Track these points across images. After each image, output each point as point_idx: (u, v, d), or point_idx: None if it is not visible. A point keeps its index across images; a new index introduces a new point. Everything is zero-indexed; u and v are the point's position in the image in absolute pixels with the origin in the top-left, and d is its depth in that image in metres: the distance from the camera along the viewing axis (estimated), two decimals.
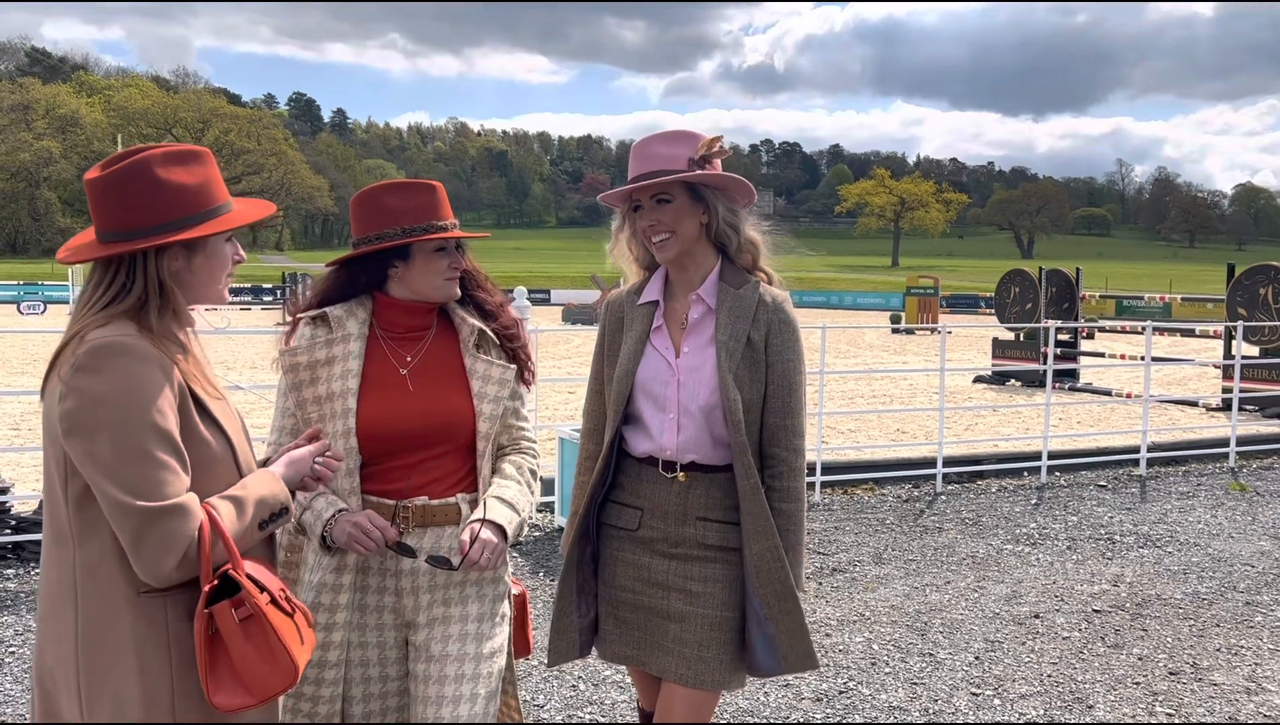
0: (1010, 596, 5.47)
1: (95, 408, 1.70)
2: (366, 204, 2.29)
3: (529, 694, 4.13)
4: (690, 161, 2.38)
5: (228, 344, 21.43)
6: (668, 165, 2.38)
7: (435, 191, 2.31)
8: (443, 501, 2.29)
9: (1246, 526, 7.09)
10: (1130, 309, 39.14)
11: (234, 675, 1.73)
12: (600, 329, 2.62)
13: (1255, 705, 4.14)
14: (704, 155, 2.39)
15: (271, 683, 1.74)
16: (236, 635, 1.72)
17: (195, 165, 1.87)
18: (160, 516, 1.69)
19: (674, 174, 2.37)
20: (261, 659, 1.73)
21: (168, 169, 1.83)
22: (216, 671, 1.73)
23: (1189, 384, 17.08)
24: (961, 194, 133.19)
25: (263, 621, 1.73)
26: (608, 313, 2.61)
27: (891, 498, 7.79)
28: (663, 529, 2.47)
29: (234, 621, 1.72)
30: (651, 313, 2.51)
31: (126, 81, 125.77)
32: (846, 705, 4.08)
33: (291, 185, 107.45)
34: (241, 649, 1.72)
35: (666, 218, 2.40)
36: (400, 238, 2.24)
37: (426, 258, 2.29)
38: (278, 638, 1.74)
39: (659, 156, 2.40)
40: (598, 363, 2.62)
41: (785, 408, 2.45)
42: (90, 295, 1.83)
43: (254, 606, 1.73)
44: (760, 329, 2.44)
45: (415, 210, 2.26)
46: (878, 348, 24.72)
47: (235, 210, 1.93)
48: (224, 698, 1.72)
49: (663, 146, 2.41)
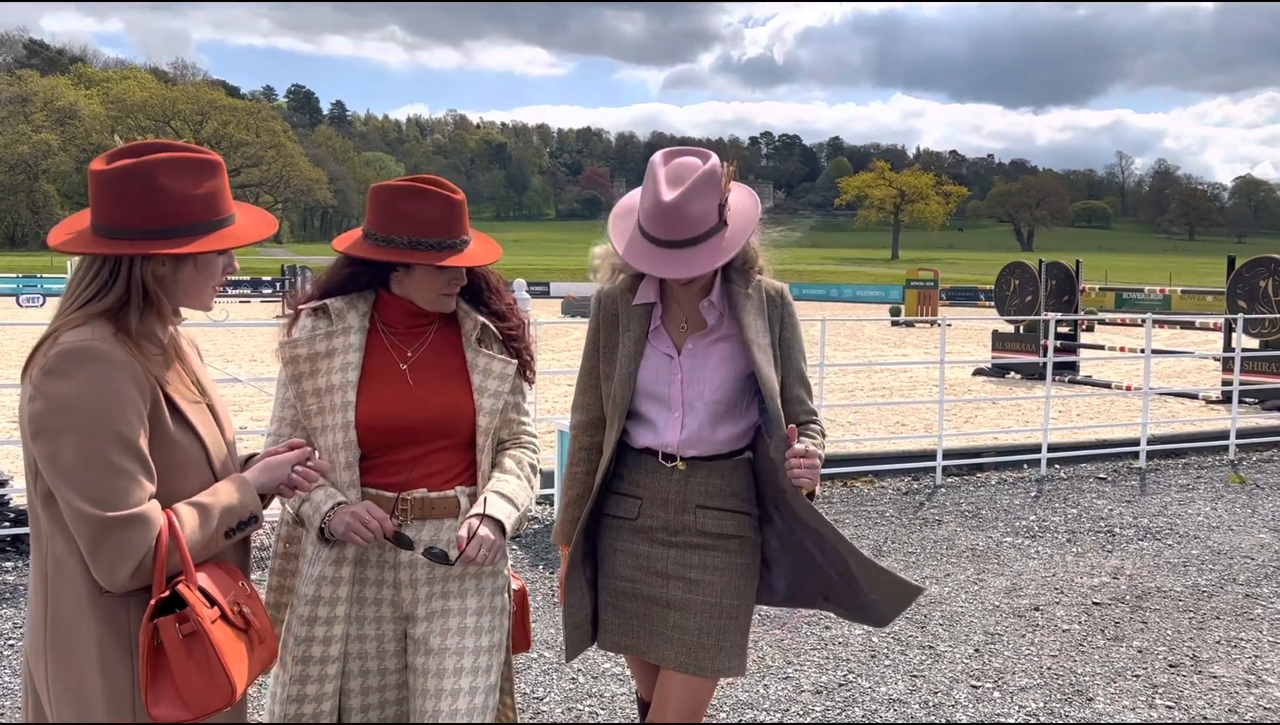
0: (1010, 589, 5.47)
1: (61, 412, 1.71)
2: (382, 201, 2.22)
3: (528, 687, 4.13)
4: (720, 208, 2.33)
5: (227, 336, 21.42)
6: (703, 226, 2.30)
7: (453, 205, 2.21)
8: (442, 494, 2.28)
9: (1246, 519, 7.09)
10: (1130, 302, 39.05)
11: (174, 690, 1.74)
12: (593, 323, 2.57)
13: (1255, 698, 4.14)
14: (727, 194, 2.35)
15: (209, 700, 1.74)
16: (179, 650, 1.73)
17: (202, 175, 1.84)
18: (117, 526, 1.69)
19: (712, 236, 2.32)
20: (201, 676, 1.73)
21: (172, 176, 1.80)
22: (157, 684, 1.74)
23: (1189, 376, 17.07)
24: (961, 186, 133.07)
25: (204, 640, 1.73)
26: (601, 307, 2.57)
27: (891, 490, 7.79)
28: (662, 518, 2.47)
29: (177, 637, 1.73)
30: (648, 314, 2.50)
31: (125, 74, 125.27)
32: (846, 698, 4.08)
33: (290, 177, 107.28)
34: (183, 665, 1.73)
35: (704, 276, 2.41)
36: (404, 249, 2.18)
37: (427, 272, 2.25)
38: (218, 657, 1.74)
39: (694, 220, 2.30)
40: (590, 357, 2.59)
41: (798, 396, 2.51)
42: (74, 289, 1.83)
43: (197, 624, 1.73)
44: (771, 324, 2.48)
45: (428, 223, 2.18)
46: (877, 340, 24.71)
47: (236, 225, 1.90)
48: (162, 710, 1.73)
49: (693, 206, 2.29)
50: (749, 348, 2.42)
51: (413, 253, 2.19)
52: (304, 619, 2.23)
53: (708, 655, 2.42)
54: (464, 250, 2.24)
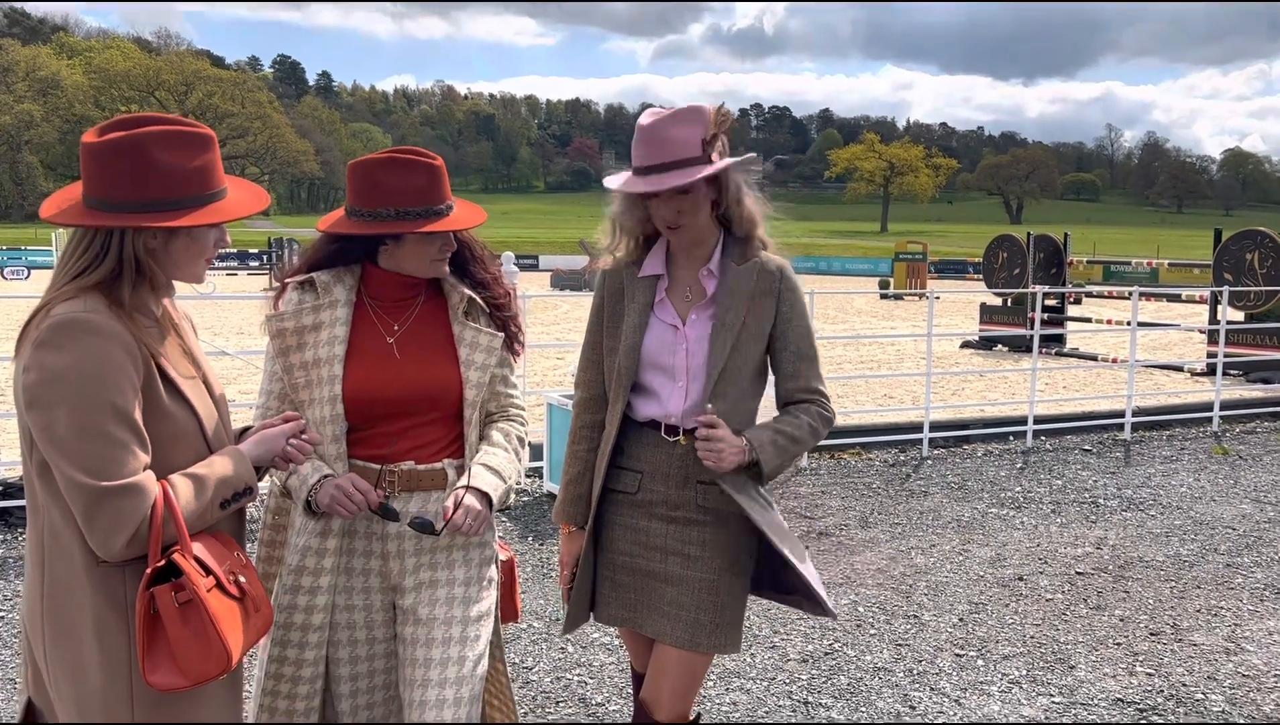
0: (995, 559, 5.52)
1: (54, 383, 1.72)
2: (362, 176, 2.22)
3: (518, 657, 4.17)
4: (704, 143, 2.32)
5: (214, 309, 21.32)
6: (683, 151, 2.31)
7: (435, 172, 2.23)
8: (429, 467, 2.29)
9: (1228, 490, 7.16)
10: (1118, 274, 39.23)
11: (170, 657, 1.76)
12: (597, 297, 2.57)
13: (1234, 665, 4.20)
14: (715, 133, 2.34)
15: (205, 667, 1.77)
16: (175, 619, 1.75)
17: (195, 148, 1.84)
18: (112, 495, 1.71)
19: (692, 165, 2.31)
20: (197, 644, 1.76)
21: (165, 149, 1.80)
22: (154, 652, 1.76)
23: (1175, 349, 17.18)
24: (951, 159, 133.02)
25: (200, 608, 1.75)
26: (606, 281, 2.57)
27: (878, 462, 7.84)
28: (663, 492, 2.47)
29: (174, 605, 1.75)
30: (654, 286, 2.49)
31: (108, 43, 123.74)
32: (832, 666, 4.13)
33: (277, 149, 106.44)
34: (179, 632, 1.75)
35: (686, 208, 2.37)
36: (393, 221, 2.19)
37: (418, 240, 2.25)
38: (213, 625, 1.76)
39: (673, 142, 2.32)
40: (594, 331, 2.58)
41: (798, 372, 2.47)
42: (66, 261, 1.83)
43: (193, 592, 1.75)
44: (765, 298, 2.44)
45: (412, 193, 2.19)
46: (866, 313, 24.76)
47: (228, 200, 1.90)
48: (159, 677, 1.76)
49: (674, 129, 2.32)
50: (714, 321, 2.41)
51: (400, 223, 2.19)
52: (288, 588, 2.25)
53: (704, 632, 2.43)
54: (449, 215, 2.25)
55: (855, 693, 3.89)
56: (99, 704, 1.78)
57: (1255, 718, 3.74)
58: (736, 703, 3.79)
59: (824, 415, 2.48)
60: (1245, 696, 3.91)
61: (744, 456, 2.33)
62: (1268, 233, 13.73)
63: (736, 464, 2.33)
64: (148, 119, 1.83)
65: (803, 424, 2.44)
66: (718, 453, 2.30)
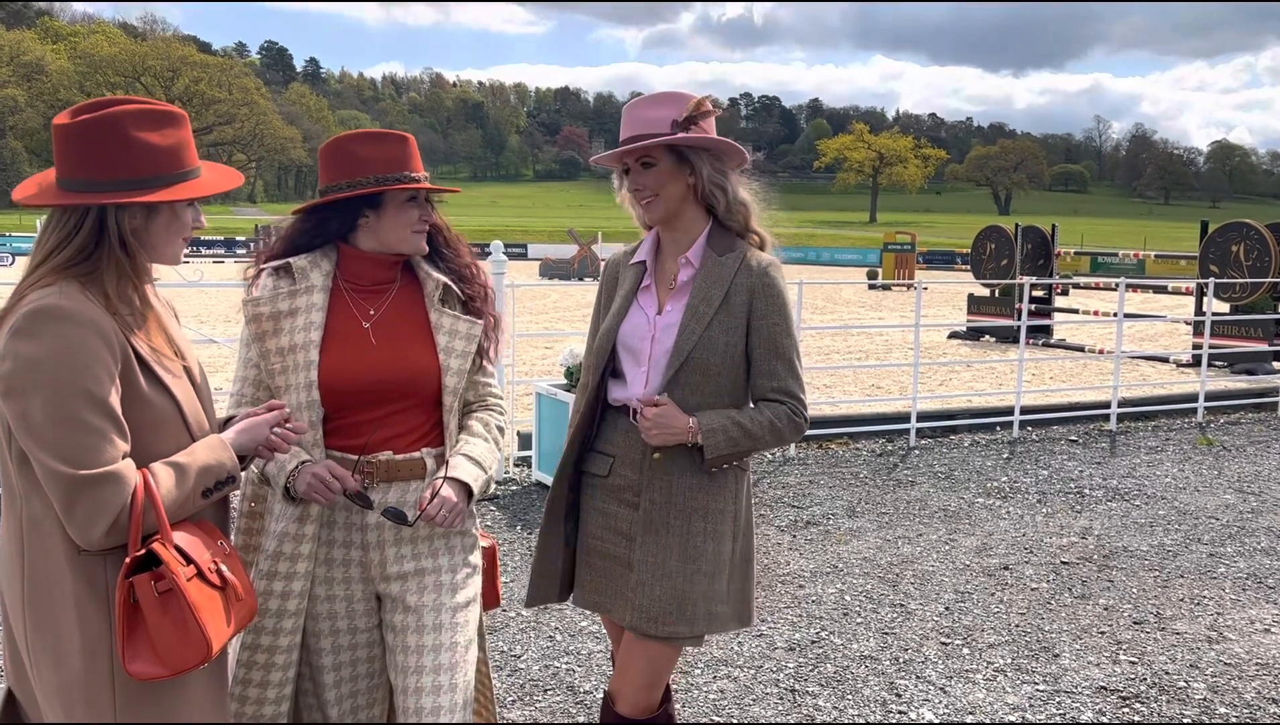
0: (981, 549, 5.55)
1: (29, 372, 1.70)
2: (337, 152, 2.25)
3: (506, 644, 4.17)
4: (674, 124, 2.40)
5: (200, 297, 21.22)
6: (653, 128, 2.41)
7: (407, 143, 2.29)
8: (407, 456, 2.28)
9: (1212, 480, 7.21)
10: (1104, 266, 39.42)
11: (150, 646, 1.75)
12: (599, 287, 2.68)
13: (1216, 653, 4.24)
14: (690, 116, 2.40)
15: (185, 657, 1.76)
16: (155, 608, 1.74)
17: (169, 127, 1.85)
18: (91, 484, 1.70)
19: (655, 138, 2.39)
20: (176, 633, 1.75)
21: (140, 127, 1.80)
22: (134, 641, 1.75)
23: (1161, 340, 17.26)
24: (940, 150, 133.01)
25: (180, 597, 1.75)
26: (606, 271, 2.68)
27: (866, 452, 7.86)
28: (630, 478, 2.48)
29: (153, 594, 1.74)
30: (641, 272, 2.55)
31: (93, 28, 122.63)
32: (818, 654, 4.14)
33: (264, 136, 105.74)
34: (159, 622, 1.74)
35: (650, 181, 2.44)
36: (373, 186, 2.21)
37: (399, 208, 2.26)
38: (193, 614, 1.75)
39: (645, 120, 2.42)
40: (595, 320, 2.67)
41: (772, 371, 2.44)
42: (39, 244, 1.82)
43: (173, 581, 1.74)
44: (741, 294, 2.43)
45: (388, 160, 2.23)
46: (854, 304, 24.80)
47: (203, 178, 1.91)
48: (139, 666, 1.75)
49: (649, 110, 2.43)
50: (684, 310, 2.43)
51: (381, 186, 2.22)
52: (264, 573, 2.25)
53: (665, 620, 2.42)
54: (425, 182, 2.29)
55: (841, 681, 3.91)
56: (80, 690, 1.77)
57: (1237, 705, 3.77)
58: (724, 690, 3.80)
59: (792, 419, 2.43)
60: (1227, 684, 3.94)
61: (687, 437, 2.36)
62: (1253, 225, 13.80)
63: (675, 442, 2.37)
64: (118, 100, 1.83)
65: (763, 420, 2.40)
66: (659, 428, 2.35)
